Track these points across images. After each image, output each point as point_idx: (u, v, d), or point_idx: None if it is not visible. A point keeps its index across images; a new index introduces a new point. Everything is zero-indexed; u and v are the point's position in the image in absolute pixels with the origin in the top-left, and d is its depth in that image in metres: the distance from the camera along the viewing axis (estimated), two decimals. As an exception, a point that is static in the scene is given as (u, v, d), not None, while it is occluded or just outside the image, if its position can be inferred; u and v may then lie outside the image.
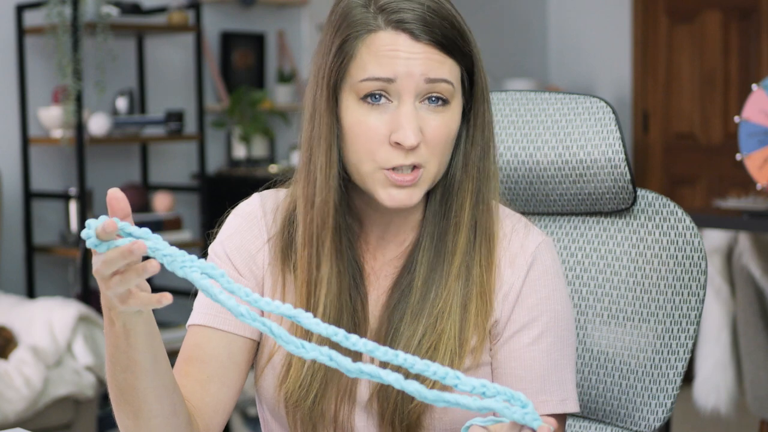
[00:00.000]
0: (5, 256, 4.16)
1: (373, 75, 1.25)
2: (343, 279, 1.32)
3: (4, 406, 3.29)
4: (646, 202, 1.58)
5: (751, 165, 3.16)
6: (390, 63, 1.24)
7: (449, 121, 1.28)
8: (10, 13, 4.16)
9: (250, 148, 4.70)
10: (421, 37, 1.25)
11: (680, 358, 1.54)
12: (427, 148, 1.26)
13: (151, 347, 1.19)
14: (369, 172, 1.27)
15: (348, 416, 1.32)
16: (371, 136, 1.26)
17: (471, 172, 1.32)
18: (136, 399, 1.21)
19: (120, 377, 1.20)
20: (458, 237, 1.32)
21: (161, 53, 4.61)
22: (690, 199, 5.41)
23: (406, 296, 1.32)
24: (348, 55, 1.27)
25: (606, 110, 1.56)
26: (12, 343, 3.51)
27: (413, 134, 1.24)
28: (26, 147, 4.18)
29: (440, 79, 1.25)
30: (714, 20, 5.34)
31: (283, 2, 4.92)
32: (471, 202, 1.32)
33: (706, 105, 5.39)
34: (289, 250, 1.35)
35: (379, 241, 1.36)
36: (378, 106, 1.26)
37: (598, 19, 5.76)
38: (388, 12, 1.25)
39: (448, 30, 1.26)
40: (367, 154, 1.26)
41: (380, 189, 1.27)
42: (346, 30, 1.27)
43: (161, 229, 4.24)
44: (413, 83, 1.25)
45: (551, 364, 1.33)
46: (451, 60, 1.27)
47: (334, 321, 1.31)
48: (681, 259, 1.54)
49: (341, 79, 1.28)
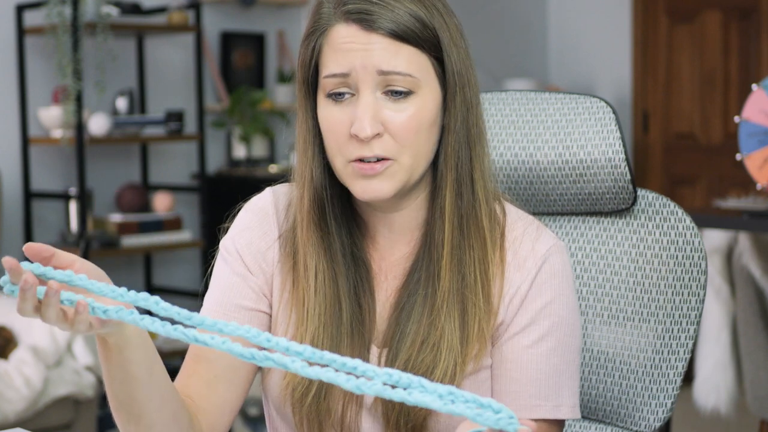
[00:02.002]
0: (5, 256, 4.16)
1: (331, 71, 1.25)
2: (339, 272, 1.32)
3: (4, 406, 3.29)
4: (646, 202, 1.58)
5: (751, 165, 3.16)
6: (344, 57, 1.24)
7: (416, 112, 1.26)
8: (10, 13, 4.16)
9: (250, 148, 4.70)
10: (372, 27, 1.24)
11: (680, 358, 1.54)
12: (394, 139, 1.25)
13: (146, 359, 1.19)
14: (341, 166, 1.28)
15: (355, 418, 1.31)
16: (336, 130, 1.26)
17: (450, 161, 1.30)
18: (135, 408, 1.22)
19: (117, 389, 1.20)
20: (444, 230, 1.30)
21: (161, 53, 4.61)
22: (690, 199, 5.41)
23: (413, 296, 1.31)
24: (315, 52, 1.28)
25: (606, 110, 1.56)
26: (12, 343, 3.51)
27: (369, 126, 1.23)
28: (26, 147, 4.18)
29: (393, 72, 1.24)
30: (714, 20, 5.35)
31: (283, 2, 4.92)
32: (452, 195, 1.30)
33: (706, 105, 5.39)
34: (294, 250, 1.35)
35: (386, 241, 1.36)
36: (342, 101, 1.26)
37: (598, 19, 5.76)
38: (344, 4, 1.26)
39: (404, 17, 1.24)
40: (337, 149, 1.27)
41: (352, 182, 1.27)
42: (312, 26, 1.28)
43: (161, 229, 4.24)
44: (368, 75, 1.24)
45: (550, 368, 1.31)
46: (410, 49, 1.25)
47: (332, 314, 1.30)
48: (681, 259, 1.54)
49: (316, 76, 1.29)
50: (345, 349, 1.30)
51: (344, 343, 1.31)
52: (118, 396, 1.21)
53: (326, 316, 1.31)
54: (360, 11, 1.24)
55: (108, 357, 1.17)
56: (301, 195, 1.32)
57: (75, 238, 4.05)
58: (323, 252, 1.31)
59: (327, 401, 1.30)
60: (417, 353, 1.28)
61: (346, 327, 1.31)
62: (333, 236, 1.32)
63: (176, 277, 4.68)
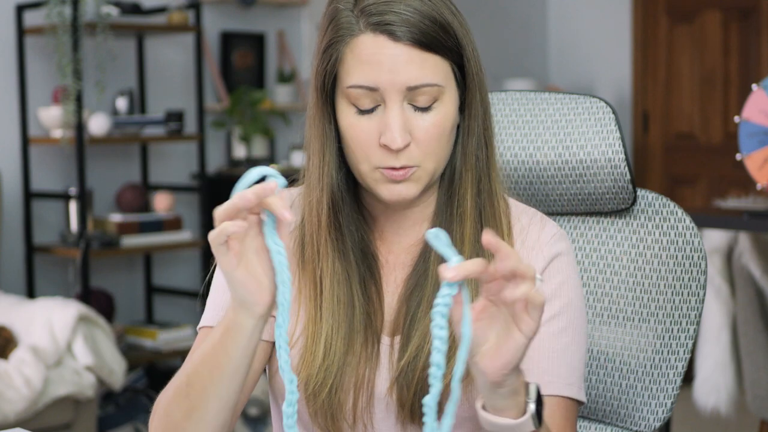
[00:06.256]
0: (5, 256, 4.16)
1: (357, 83, 1.26)
2: (352, 272, 1.34)
3: (4, 406, 3.29)
4: (646, 202, 1.58)
5: (751, 165, 3.16)
6: (372, 71, 1.25)
7: (440, 119, 1.28)
8: (10, 13, 4.16)
9: (250, 148, 4.70)
10: (400, 37, 1.25)
11: (680, 358, 1.54)
12: (419, 148, 1.28)
13: (244, 358, 1.19)
14: (367, 171, 1.29)
15: (366, 405, 1.33)
16: (364, 139, 1.28)
17: (470, 161, 1.33)
18: (198, 400, 1.21)
19: (200, 371, 1.20)
20: (464, 227, 1.33)
21: (161, 53, 4.61)
22: (690, 199, 5.41)
23: (421, 285, 1.33)
24: (336, 58, 1.28)
25: (606, 110, 1.56)
26: (12, 343, 3.51)
27: (400, 137, 1.25)
28: (26, 147, 4.18)
29: (422, 85, 1.26)
30: (714, 20, 5.35)
31: (283, 2, 4.92)
32: (473, 192, 1.33)
33: (706, 105, 5.39)
34: (302, 246, 1.37)
35: (394, 234, 1.38)
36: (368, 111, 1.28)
37: (598, 19, 5.76)
38: (368, 14, 1.26)
39: (428, 26, 1.26)
40: (363, 156, 1.29)
41: (379, 186, 1.29)
42: (332, 33, 1.29)
43: (161, 229, 4.24)
44: (396, 92, 1.26)
45: (560, 347, 1.33)
46: (434, 57, 1.27)
47: (345, 314, 1.32)
48: (681, 259, 1.54)
49: (335, 82, 1.30)
50: (357, 344, 1.33)
51: (357, 339, 1.33)
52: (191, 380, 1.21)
53: (340, 315, 1.33)
54: (385, 22, 1.25)
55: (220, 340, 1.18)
56: (319, 198, 1.33)
57: (75, 238, 4.05)
58: (338, 254, 1.34)
59: (338, 395, 1.32)
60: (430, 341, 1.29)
61: (359, 322, 1.33)
62: (346, 236, 1.34)
63: (176, 277, 4.68)
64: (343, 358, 1.31)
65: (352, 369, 1.32)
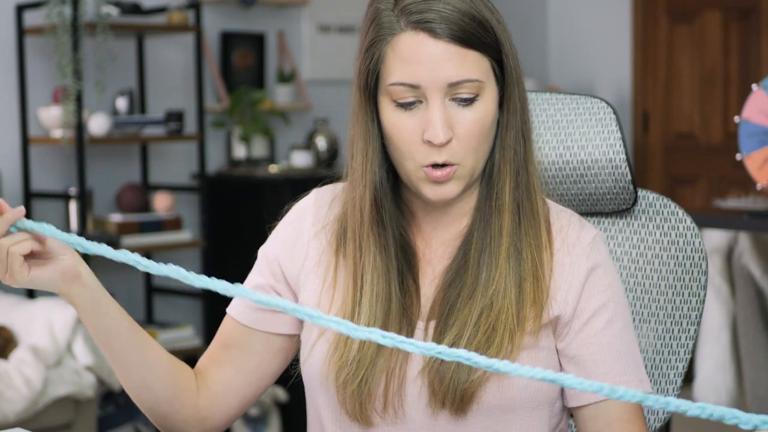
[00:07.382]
0: None
1: (398, 80, 1.29)
2: (391, 266, 1.36)
3: (4, 406, 3.29)
4: (646, 202, 1.58)
5: (751, 165, 3.16)
6: (413, 69, 1.28)
7: (481, 115, 1.30)
8: (10, 13, 4.16)
9: (250, 148, 4.70)
10: (440, 34, 1.27)
11: (681, 359, 1.54)
12: (460, 144, 1.30)
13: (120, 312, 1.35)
14: (412, 170, 1.32)
15: (398, 390, 1.34)
16: (407, 137, 1.30)
17: (508, 155, 1.35)
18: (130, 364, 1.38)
19: (109, 348, 1.36)
20: (502, 219, 1.35)
21: (161, 53, 4.61)
22: (690, 199, 5.41)
23: (461, 275, 1.35)
24: (377, 57, 1.31)
25: (606, 110, 1.56)
26: (12, 343, 3.50)
27: (442, 132, 1.28)
28: (26, 147, 4.18)
29: (463, 81, 1.28)
30: (714, 20, 5.34)
31: (283, 2, 4.92)
32: (511, 185, 1.35)
33: (706, 105, 5.39)
34: (344, 238, 1.40)
35: (432, 230, 1.40)
36: (410, 108, 1.30)
37: (598, 19, 5.76)
38: (408, 13, 1.29)
39: (468, 24, 1.28)
40: (407, 154, 1.31)
41: (423, 185, 1.32)
42: (373, 33, 1.32)
43: (161, 229, 4.24)
44: (437, 88, 1.28)
45: (624, 347, 1.36)
46: (474, 53, 1.29)
47: (383, 306, 1.35)
48: (682, 259, 1.54)
49: (377, 81, 1.32)
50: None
51: (391, 329, 1.35)
52: (113, 354, 1.36)
53: (377, 310, 1.35)
54: (425, 20, 1.27)
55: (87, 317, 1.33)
56: (362, 195, 1.36)
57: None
58: (379, 249, 1.36)
59: (369, 384, 1.34)
60: (472, 330, 1.32)
61: (394, 314, 1.35)
62: (388, 231, 1.37)
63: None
64: (376, 351, 1.34)
65: (384, 359, 1.34)
